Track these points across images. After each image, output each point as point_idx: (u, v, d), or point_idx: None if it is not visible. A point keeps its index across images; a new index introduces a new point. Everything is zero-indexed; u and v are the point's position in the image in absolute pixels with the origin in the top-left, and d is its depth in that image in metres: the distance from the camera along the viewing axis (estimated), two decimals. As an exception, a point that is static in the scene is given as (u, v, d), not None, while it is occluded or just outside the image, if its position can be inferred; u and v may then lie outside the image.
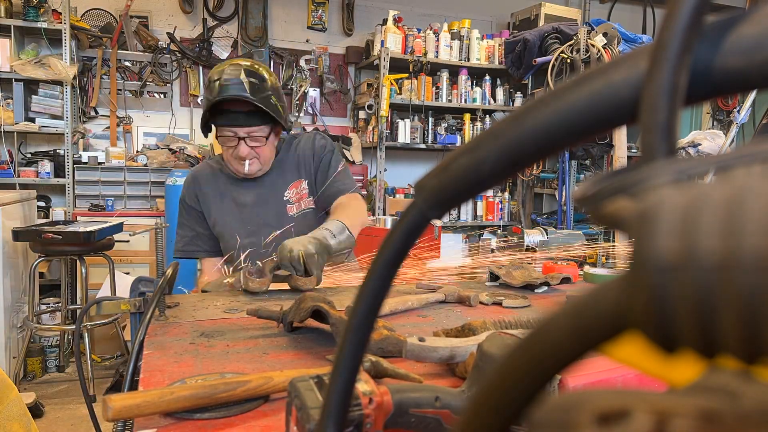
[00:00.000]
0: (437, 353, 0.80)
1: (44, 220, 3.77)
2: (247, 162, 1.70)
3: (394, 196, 4.77)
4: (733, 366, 0.15)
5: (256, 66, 1.67)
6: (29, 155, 4.15)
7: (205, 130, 1.72)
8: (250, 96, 1.59)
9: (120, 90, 4.44)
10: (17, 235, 3.00)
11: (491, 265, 1.49)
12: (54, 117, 4.02)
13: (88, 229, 3.08)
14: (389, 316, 1.20)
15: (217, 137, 1.70)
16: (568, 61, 4.14)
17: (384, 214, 4.57)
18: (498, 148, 0.23)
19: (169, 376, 0.84)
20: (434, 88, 4.74)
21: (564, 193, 4.49)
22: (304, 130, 4.80)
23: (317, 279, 1.42)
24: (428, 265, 1.66)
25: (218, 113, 1.64)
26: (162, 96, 4.59)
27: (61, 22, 3.87)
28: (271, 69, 4.82)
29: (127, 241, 3.81)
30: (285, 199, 1.80)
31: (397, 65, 4.53)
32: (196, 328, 1.10)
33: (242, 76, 1.60)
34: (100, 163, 4.16)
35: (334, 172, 1.85)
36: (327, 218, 1.75)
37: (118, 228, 3.35)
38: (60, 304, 3.48)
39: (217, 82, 1.60)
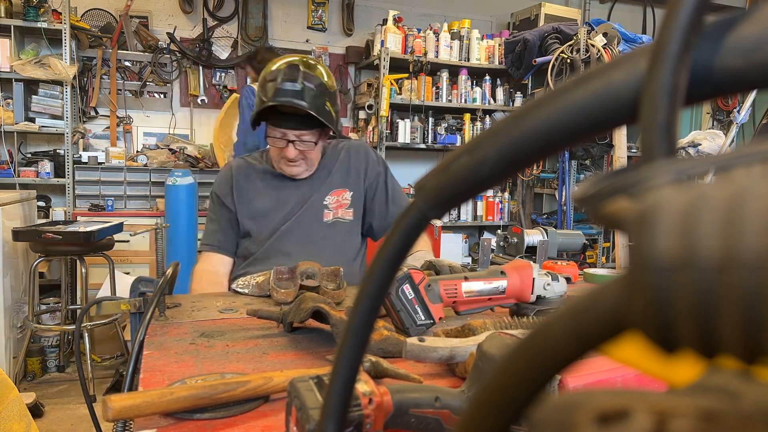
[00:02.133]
0: (437, 353, 0.80)
1: (44, 220, 3.77)
2: (292, 163, 1.68)
3: (394, 196, 4.76)
4: (733, 366, 0.15)
5: (313, 67, 1.62)
6: (29, 155, 4.15)
7: (254, 124, 1.68)
8: (306, 104, 1.55)
9: (120, 90, 4.44)
10: (17, 235, 3.00)
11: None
12: (54, 117, 4.02)
13: (88, 229, 3.08)
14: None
15: (266, 136, 1.67)
16: (568, 61, 4.14)
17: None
18: (498, 148, 0.23)
19: (169, 376, 0.84)
20: (434, 88, 4.74)
21: (564, 193, 4.49)
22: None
23: (343, 293, 1.36)
24: None
25: (270, 111, 1.61)
26: (162, 96, 4.59)
27: (61, 22, 3.87)
28: (271, 69, 4.82)
29: (127, 241, 3.81)
30: (324, 203, 1.76)
31: (397, 65, 4.53)
32: (196, 328, 1.10)
33: (299, 81, 1.56)
34: (100, 163, 4.16)
35: (394, 194, 1.84)
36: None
37: (118, 228, 3.35)
38: (60, 304, 3.48)
39: (272, 83, 1.56)
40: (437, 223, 4.16)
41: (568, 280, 1.47)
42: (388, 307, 1.03)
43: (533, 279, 1.15)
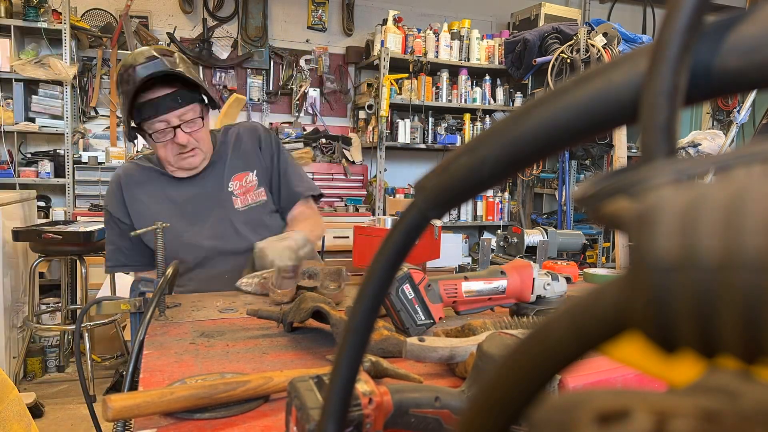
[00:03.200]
0: (437, 353, 0.80)
1: (44, 220, 3.77)
2: (189, 154, 1.58)
3: (394, 196, 4.76)
4: (733, 366, 0.15)
5: (161, 47, 1.57)
6: (29, 155, 4.15)
7: (131, 134, 1.58)
8: (167, 68, 1.47)
9: (120, 90, 4.44)
10: (17, 235, 3.00)
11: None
12: (54, 117, 4.02)
13: (88, 229, 3.08)
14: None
15: (149, 137, 1.55)
16: (568, 61, 4.14)
17: (384, 214, 4.57)
18: (498, 148, 0.23)
19: (169, 376, 0.84)
20: (434, 88, 4.74)
21: (564, 193, 4.49)
22: (305, 130, 4.80)
23: (342, 293, 1.33)
24: None
25: (141, 109, 1.51)
26: (162, 96, 4.58)
27: (61, 22, 3.87)
28: (271, 69, 4.83)
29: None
30: (229, 191, 1.68)
31: (397, 65, 4.53)
32: (196, 328, 1.10)
33: (149, 54, 1.49)
34: (100, 163, 4.16)
35: (288, 171, 1.76)
36: (285, 227, 1.71)
37: (118, 228, 3.34)
38: (60, 304, 3.48)
39: (131, 69, 1.47)
40: (437, 223, 4.16)
41: (568, 280, 1.47)
42: (388, 307, 1.03)
43: (533, 279, 1.15)
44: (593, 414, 0.15)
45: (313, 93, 4.86)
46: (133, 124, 1.57)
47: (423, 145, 4.76)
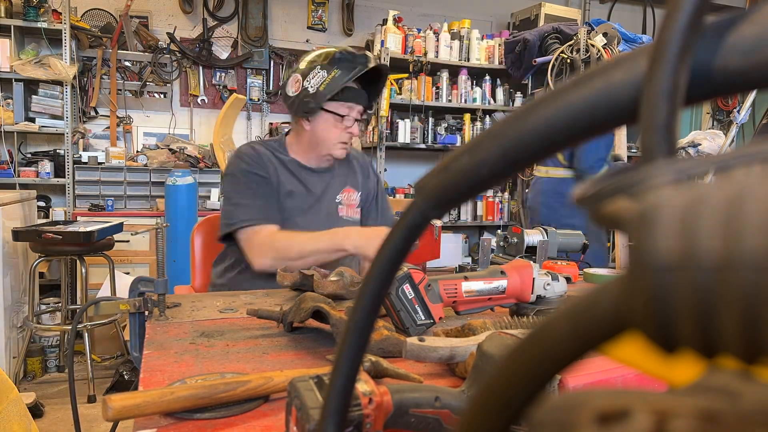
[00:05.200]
0: (437, 353, 0.80)
1: (44, 220, 3.77)
2: (346, 145, 1.72)
3: (394, 196, 4.77)
4: (733, 366, 0.15)
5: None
6: (29, 155, 4.15)
7: (312, 110, 1.65)
8: (385, 66, 1.68)
9: (120, 90, 4.44)
10: (17, 235, 3.00)
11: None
12: (54, 117, 4.02)
13: (88, 229, 3.08)
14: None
15: (327, 115, 1.66)
16: (568, 61, 4.14)
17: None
18: (498, 148, 0.23)
19: (169, 376, 0.84)
20: (434, 88, 4.74)
21: (564, 193, 4.49)
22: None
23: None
24: None
25: (348, 91, 1.65)
26: (162, 96, 4.59)
27: (61, 22, 3.87)
28: (271, 69, 4.83)
29: (127, 241, 3.80)
30: (337, 200, 1.79)
31: (397, 65, 4.53)
32: (196, 328, 1.10)
33: (368, 53, 1.68)
34: (100, 163, 4.16)
35: (384, 202, 1.91)
36: None
37: (118, 228, 3.35)
38: (60, 304, 3.47)
39: (361, 57, 1.62)
40: (437, 223, 4.16)
41: (568, 280, 1.47)
42: (388, 307, 1.03)
43: (533, 279, 1.15)
44: (593, 414, 0.15)
45: (314, 93, 4.85)
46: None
47: (423, 145, 4.76)
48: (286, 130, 1.86)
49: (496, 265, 1.18)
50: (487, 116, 4.91)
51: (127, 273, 3.65)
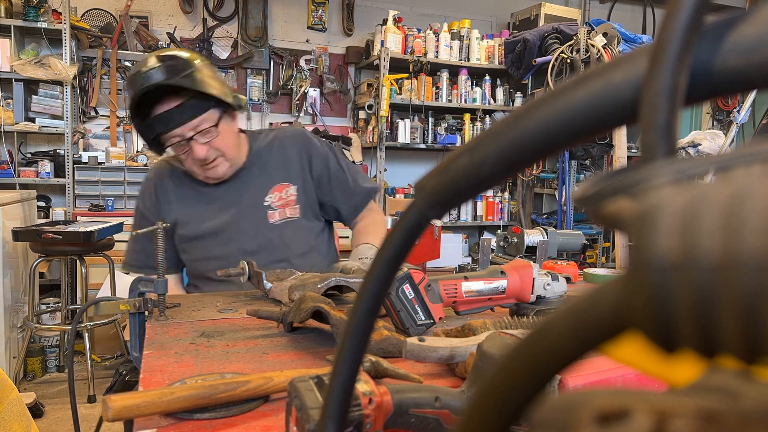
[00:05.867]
0: (437, 353, 0.80)
1: (44, 220, 3.77)
2: (211, 165, 1.50)
3: (394, 196, 4.76)
4: (733, 366, 0.15)
5: (176, 51, 1.47)
6: (29, 155, 4.15)
7: (158, 147, 1.50)
8: (165, 78, 1.37)
9: (120, 90, 4.44)
10: (17, 235, 3.00)
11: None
12: (54, 117, 4.02)
13: (88, 229, 3.08)
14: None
15: (166, 148, 1.49)
16: (568, 61, 4.14)
17: (384, 214, 4.57)
18: (498, 148, 0.23)
19: (169, 376, 0.84)
20: (434, 88, 4.74)
21: (564, 193, 4.49)
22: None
23: None
24: None
25: (152, 124, 1.43)
26: (162, 96, 4.58)
27: (61, 22, 3.87)
28: (271, 69, 4.83)
29: (127, 241, 3.80)
30: (266, 204, 1.59)
31: (397, 65, 4.53)
32: (196, 328, 1.10)
33: (153, 62, 1.39)
34: (100, 163, 4.16)
35: (351, 171, 1.68)
36: (355, 240, 1.65)
37: (118, 228, 3.34)
38: (60, 304, 3.47)
39: (132, 81, 1.41)
40: (437, 223, 4.16)
41: (568, 280, 1.47)
42: (388, 307, 1.03)
43: (533, 279, 1.15)
44: (593, 414, 0.15)
45: (313, 93, 4.86)
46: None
47: (423, 145, 4.76)
48: None
49: (496, 265, 1.18)
50: (487, 116, 4.91)
51: (127, 273, 3.64)
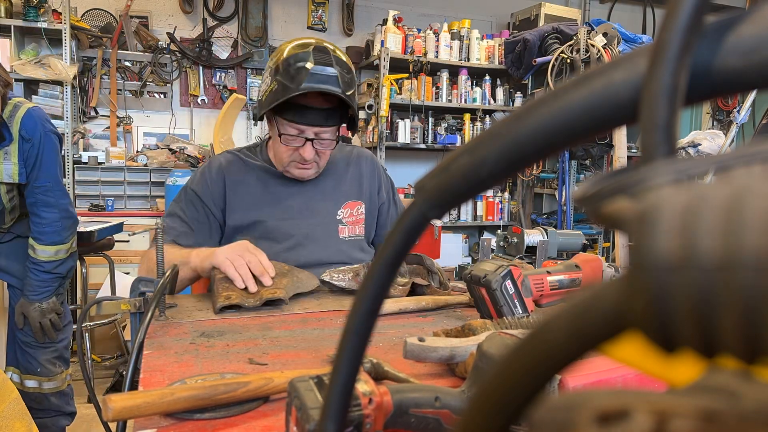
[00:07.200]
0: (437, 353, 0.80)
1: (44, 220, 3.76)
2: (305, 166, 1.47)
3: (394, 196, 4.76)
4: (733, 366, 0.15)
5: (339, 52, 1.43)
6: (29, 155, 4.15)
7: (259, 118, 1.46)
8: (342, 91, 1.34)
9: (120, 90, 4.44)
10: (17, 235, 3.00)
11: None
12: (54, 117, 4.01)
13: (88, 229, 3.07)
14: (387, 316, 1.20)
15: (279, 134, 1.43)
16: (568, 61, 4.14)
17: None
18: (498, 148, 0.23)
19: (169, 376, 0.84)
20: (434, 88, 4.74)
21: (564, 193, 4.49)
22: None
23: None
24: None
25: (288, 106, 1.37)
26: (162, 96, 4.59)
27: (61, 22, 3.87)
28: (271, 69, 4.82)
29: (127, 241, 3.80)
30: (338, 218, 1.56)
31: (397, 65, 4.53)
32: (196, 328, 1.10)
33: (334, 65, 1.35)
34: (100, 163, 4.16)
35: (393, 217, 1.67)
36: None
37: (118, 228, 3.34)
38: (60, 304, 3.47)
39: (301, 66, 1.32)
40: (437, 223, 4.16)
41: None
42: (486, 300, 1.05)
43: (602, 271, 1.22)
44: (593, 414, 0.15)
45: (313, 93, 4.85)
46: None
47: (423, 145, 4.76)
48: None
49: (569, 260, 1.23)
50: (487, 116, 4.91)
51: (127, 273, 3.65)
